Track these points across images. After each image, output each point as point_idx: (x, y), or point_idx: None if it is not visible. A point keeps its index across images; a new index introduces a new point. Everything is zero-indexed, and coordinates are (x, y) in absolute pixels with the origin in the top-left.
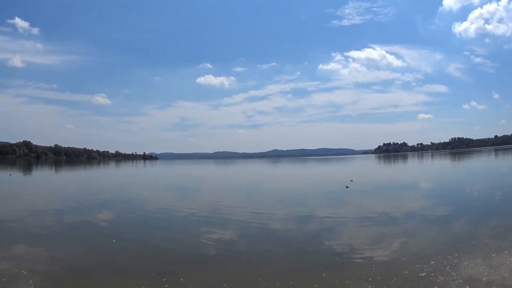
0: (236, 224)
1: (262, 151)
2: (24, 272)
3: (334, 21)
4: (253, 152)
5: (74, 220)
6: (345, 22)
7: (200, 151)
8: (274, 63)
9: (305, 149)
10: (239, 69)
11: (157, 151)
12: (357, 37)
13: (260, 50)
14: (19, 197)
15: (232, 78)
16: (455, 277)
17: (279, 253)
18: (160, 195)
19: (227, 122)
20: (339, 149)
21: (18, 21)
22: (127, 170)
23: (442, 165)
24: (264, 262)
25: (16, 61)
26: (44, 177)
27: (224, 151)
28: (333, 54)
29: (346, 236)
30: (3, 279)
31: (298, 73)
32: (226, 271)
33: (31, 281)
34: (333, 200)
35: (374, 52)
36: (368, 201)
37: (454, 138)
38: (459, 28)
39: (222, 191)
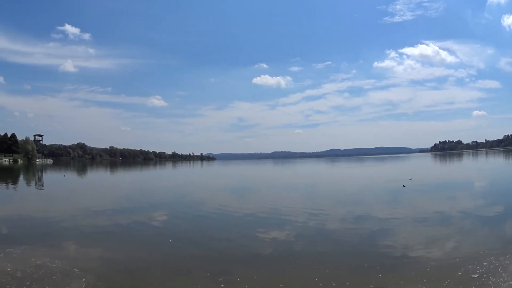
0: (293, 224)
1: (319, 151)
2: (77, 270)
3: (386, 18)
4: (310, 152)
5: (129, 220)
6: (397, 19)
7: (258, 152)
8: (330, 62)
9: (362, 148)
10: (294, 68)
11: (215, 151)
12: (410, 34)
13: (315, 49)
14: (72, 197)
15: (288, 77)
16: (505, 279)
17: (335, 254)
18: (217, 195)
19: (285, 122)
20: (396, 147)
21: (68, 27)
22: (183, 170)
23: (495, 163)
24: (321, 263)
25: (68, 66)
26: (98, 178)
27: (282, 151)
28: (387, 51)
29: (401, 237)
30: (54, 277)
31: (354, 71)
32: (283, 271)
33: (83, 279)
34: (389, 200)
35: (428, 48)
36: (424, 201)
37: (508, 135)
38: (508, 20)
39: (279, 191)
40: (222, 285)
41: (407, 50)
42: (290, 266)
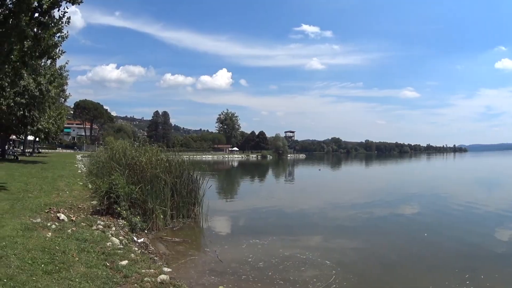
0: None
1: None
2: (328, 262)
3: None
4: None
5: (380, 213)
6: None
7: (507, 142)
8: None
9: None
10: None
11: (466, 142)
12: None
13: None
14: (326, 191)
15: None
16: None
17: None
18: (465, 189)
19: None
20: None
21: (306, 27)
22: (435, 163)
23: None
24: None
25: (315, 64)
26: (351, 171)
27: None
28: None
29: None
30: (302, 268)
31: None
32: None
33: (333, 272)
34: None
35: None
36: None
37: None
38: None
39: None
40: (467, 282)
41: None
42: None
